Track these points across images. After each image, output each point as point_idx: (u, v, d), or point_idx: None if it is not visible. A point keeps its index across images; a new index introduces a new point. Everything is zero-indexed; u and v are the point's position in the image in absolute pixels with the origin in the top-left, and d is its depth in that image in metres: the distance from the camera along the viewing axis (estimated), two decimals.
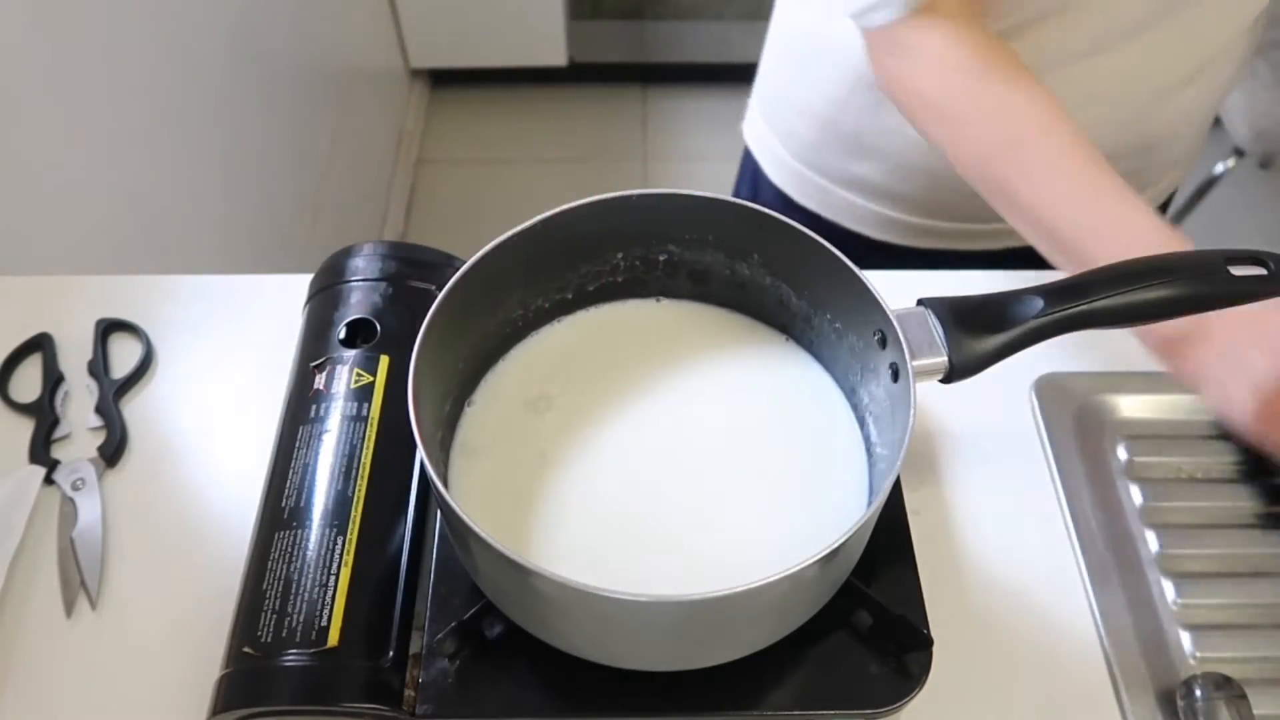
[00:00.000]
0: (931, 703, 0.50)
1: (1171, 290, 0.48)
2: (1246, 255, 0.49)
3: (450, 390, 0.53)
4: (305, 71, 1.55)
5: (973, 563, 0.61)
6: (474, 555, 0.46)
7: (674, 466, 0.53)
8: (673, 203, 0.52)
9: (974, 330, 0.48)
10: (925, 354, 0.48)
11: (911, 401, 0.45)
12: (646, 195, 0.52)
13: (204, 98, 1.19)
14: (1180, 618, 0.59)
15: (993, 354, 0.48)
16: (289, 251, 1.44)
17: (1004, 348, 0.48)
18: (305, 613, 0.48)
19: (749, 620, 0.45)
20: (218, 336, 0.72)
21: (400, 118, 2.13)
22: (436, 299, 0.48)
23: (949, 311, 0.49)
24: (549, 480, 0.52)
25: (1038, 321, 0.47)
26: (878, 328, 0.49)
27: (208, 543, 0.61)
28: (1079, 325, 0.49)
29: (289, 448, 0.55)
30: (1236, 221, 2.02)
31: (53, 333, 0.70)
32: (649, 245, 0.56)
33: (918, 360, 0.47)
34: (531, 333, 0.57)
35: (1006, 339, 0.48)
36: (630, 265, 0.57)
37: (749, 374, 0.57)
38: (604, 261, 0.56)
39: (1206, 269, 0.49)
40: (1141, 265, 0.49)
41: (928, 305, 0.49)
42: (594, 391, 0.55)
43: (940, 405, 0.67)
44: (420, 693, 0.48)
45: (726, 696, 0.49)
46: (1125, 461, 0.65)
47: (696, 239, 0.55)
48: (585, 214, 0.52)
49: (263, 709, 0.46)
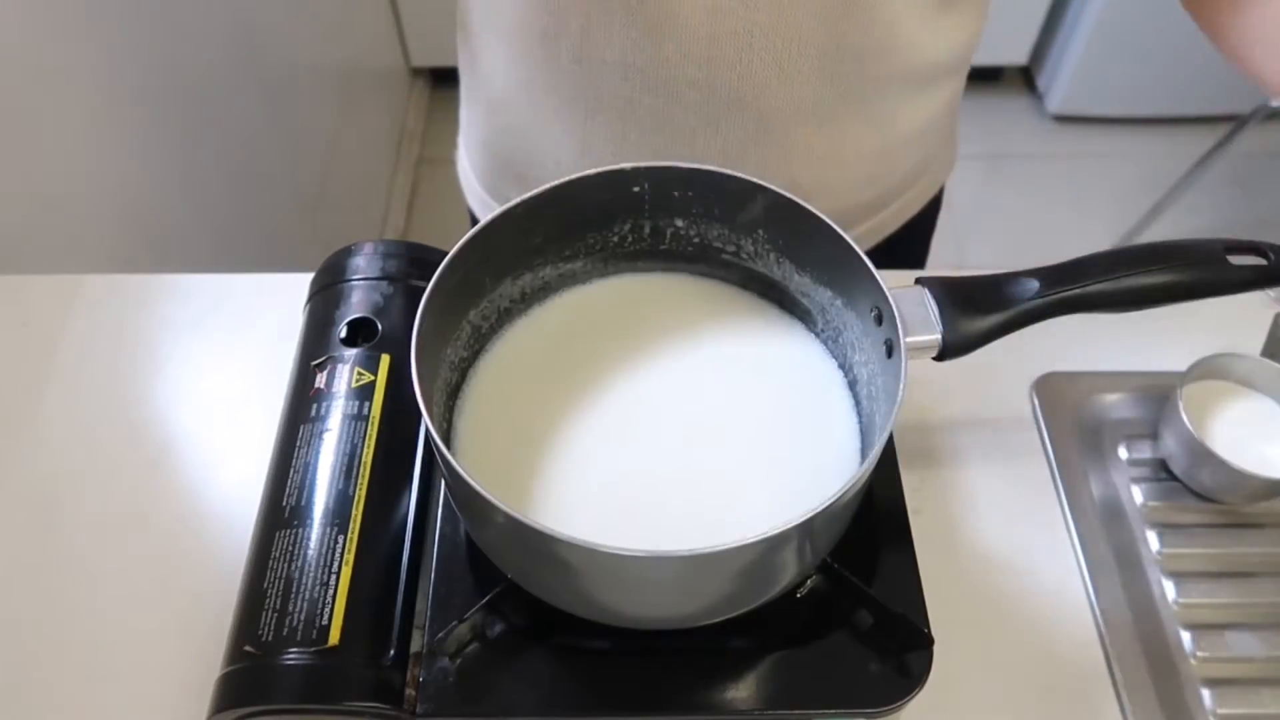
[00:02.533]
0: (931, 703, 0.50)
1: (1169, 276, 0.49)
2: (1246, 245, 0.49)
3: (454, 358, 0.53)
4: (306, 70, 1.55)
5: (973, 562, 0.61)
6: (476, 517, 0.46)
7: (672, 434, 0.53)
8: (675, 175, 0.53)
9: (969, 309, 0.48)
10: (919, 331, 0.48)
11: (902, 375, 0.45)
12: (653, 168, 0.52)
13: (204, 96, 1.19)
14: (1180, 617, 0.59)
15: (987, 333, 0.49)
16: (289, 251, 1.44)
17: (998, 328, 0.49)
18: (306, 612, 0.48)
19: (743, 575, 0.45)
20: (218, 336, 0.72)
21: (401, 116, 2.12)
22: (442, 263, 0.48)
23: (945, 290, 0.49)
24: (550, 446, 0.52)
25: (1033, 303, 0.48)
26: (874, 304, 0.50)
27: (208, 542, 0.61)
28: (1074, 308, 0.49)
29: (289, 447, 0.55)
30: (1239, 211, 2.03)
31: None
32: (655, 218, 0.56)
33: (912, 337, 0.48)
34: (537, 303, 0.58)
35: (1001, 319, 0.48)
36: (638, 238, 0.57)
37: (749, 347, 0.57)
38: (610, 234, 0.57)
39: (1205, 257, 0.49)
40: (1140, 251, 0.50)
41: (925, 284, 0.50)
42: (597, 360, 0.56)
43: (941, 405, 0.67)
44: (421, 692, 0.48)
45: (727, 696, 0.49)
46: (1125, 461, 0.65)
47: (702, 213, 0.55)
48: (593, 183, 0.52)
49: (263, 708, 0.46)
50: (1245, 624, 0.59)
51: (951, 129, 0.81)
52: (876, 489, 0.56)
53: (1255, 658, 0.57)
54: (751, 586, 0.47)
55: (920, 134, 0.74)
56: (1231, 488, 0.61)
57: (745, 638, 0.50)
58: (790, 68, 0.63)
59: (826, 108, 0.66)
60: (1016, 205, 2.04)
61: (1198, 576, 0.60)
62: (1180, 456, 0.63)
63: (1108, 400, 0.68)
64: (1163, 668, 0.57)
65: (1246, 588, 0.60)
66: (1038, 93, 2.19)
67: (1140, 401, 0.68)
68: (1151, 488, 0.64)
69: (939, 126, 0.77)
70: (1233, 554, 0.61)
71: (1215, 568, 0.61)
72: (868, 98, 0.67)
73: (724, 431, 0.53)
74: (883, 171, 0.74)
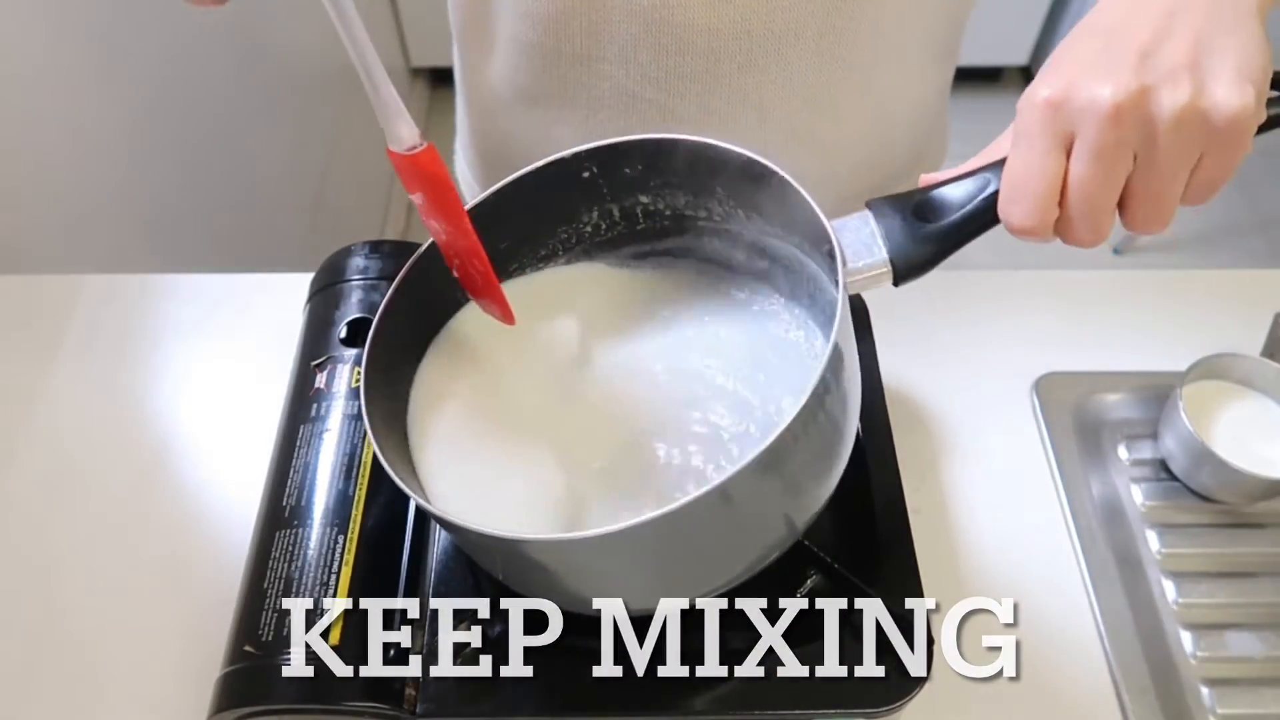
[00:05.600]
0: (931, 703, 0.50)
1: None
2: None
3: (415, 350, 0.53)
4: (305, 70, 1.55)
5: (973, 562, 0.61)
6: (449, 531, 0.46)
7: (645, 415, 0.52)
8: (617, 151, 0.51)
9: (918, 221, 0.45)
10: (864, 256, 0.45)
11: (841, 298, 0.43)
12: (594, 148, 0.50)
13: (204, 96, 1.19)
14: (1180, 617, 0.59)
15: (939, 245, 0.44)
16: (289, 251, 1.44)
17: (949, 235, 0.44)
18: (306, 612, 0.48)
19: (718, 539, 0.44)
20: (218, 336, 0.72)
21: None
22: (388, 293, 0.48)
23: (893, 208, 0.46)
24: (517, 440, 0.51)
25: (983, 200, 0.44)
26: (825, 242, 0.46)
27: (208, 542, 0.61)
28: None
29: (289, 447, 0.55)
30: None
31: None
32: (619, 199, 0.54)
33: (858, 263, 0.45)
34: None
35: (951, 224, 0.44)
36: (611, 224, 0.56)
37: (724, 325, 0.55)
38: (582, 225, 0.55)
39: None
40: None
41: (870, 206, 0.46)
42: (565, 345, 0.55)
43: (941, 405, 0.67)
44: (421, 692, 0.48)
45: (726, 696, 0.49)
46: (1126, 461, 0.65)
47: (661, 184, 0.53)
48: (543, 176, 0.51)
49: (263, 708, 0.46)
50: (1245, 624, 0.59)
51: (942, 118, 0.82)
52: (876, 489, 0.56)
53: (1255, 658, 0.57)
54: (732, 552, 0.46)
55: (915, 119, 0.75)
56: (1231, 488, 0.61)
57: (745, 638, 0.50)
58: (790, 55, 0.63)
59: (825, 93, 0.67)
60: None
61: (1198, 576, 0.60)
62: (1180, 456, 0.63)
63: (1108, 400, 0.68)
64: (1163, 668, 0.57)
65: (1246, 588, 0.60)
66: None
67: (1140, 401, 0.67)
68: (1151, 488, 0.64)
69: (932, 113, 0.78)
70: (1233, 554, 0.61)
71: (1215, 568, 0.61)
72: (864, 81, 0.67)
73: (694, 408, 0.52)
74: (881, 158, 0.75)
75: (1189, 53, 0.40)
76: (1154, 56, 0.40)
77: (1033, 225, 0.41)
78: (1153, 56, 0.40)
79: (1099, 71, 0.40)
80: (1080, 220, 0.41)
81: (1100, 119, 0.39)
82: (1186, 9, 0.41)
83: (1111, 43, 0.41)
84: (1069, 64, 0.41)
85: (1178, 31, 0.40)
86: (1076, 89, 0.40)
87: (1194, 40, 0.40)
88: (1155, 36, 0.40)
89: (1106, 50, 0.40)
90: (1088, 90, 0.39)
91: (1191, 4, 0.41)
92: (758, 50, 0.63)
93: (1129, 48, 0.40)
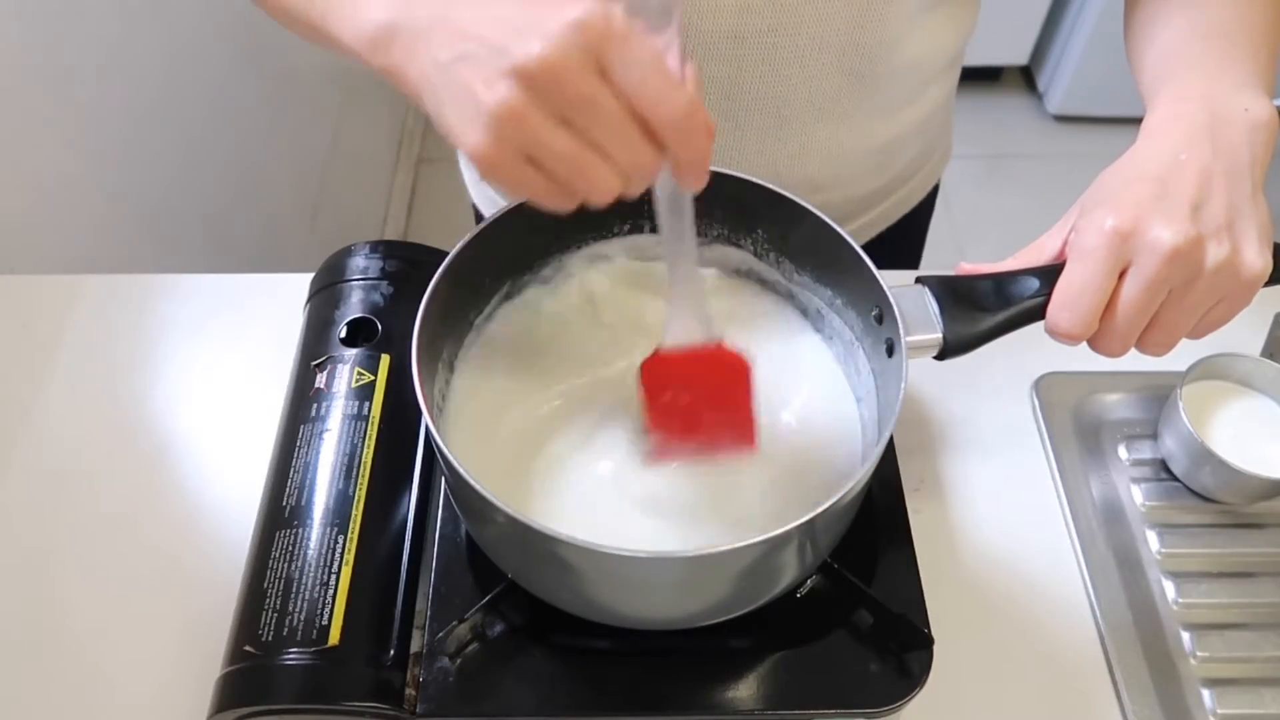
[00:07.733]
0: (931, 703, 0.50)
1: None
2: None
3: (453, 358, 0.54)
4: (306, 70, 1.55)
5: (973, 562, 0.61)
6: (477, 517, 0.46)
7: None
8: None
9: (970, 308, 0.49)
10: (921, 330, 0.48)
11: (903, 374, 0.46)
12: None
13: (204, 96, 1.19)
14: (1180, 617, 0.59)
15: (987, 332, 0.49)
16: (289, 251, 1.44)
17: (999, 326, 0.49)
18: (306, 611, 0.48)
19: (744, 576, 0.45)
20: (218, 336, 0.72)
21: (401, 116, 2.12)
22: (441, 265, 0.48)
23: (946, 289, 0.49)
24: (550, 441, 0.52)
25: (1034, 301, 0.48)
26: (875, 304, 0.50)
27: (208, 542, 0.61)
28: None
29: (290, 447, 0.55)
30: None
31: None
32: (653, 218, 0.55)
33: (912, 336, 0.48)
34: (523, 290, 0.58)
35: (1002, 318, 0.49)
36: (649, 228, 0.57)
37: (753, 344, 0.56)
38: (609, 234, 0.57)
39: None
40: None
41: (925, 283, 0.50)
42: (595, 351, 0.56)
43: (941, 405, 0.67)
44: (421, 691, 0.48)
45: (727, 696, 0.49)
46: (1126, 461, 0.65)
47: (701, 212, 0.54)
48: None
49: (263, 708, 0.46)
50: (1245, 624, 0.59)
51: (947, 120, 0.83)
52: (876, 489, 0.56)
53: (1255, 658, 0.57)
54: (753, 587, 0.47)
55: (923, 124, 0.76)
56: (1231, 488, 0.61)
57: (745, 638, 0.50)
58: (812, 65, 0.64)
59: (842, 103, 0.67)
60: (1016, 205, 2.03)
61: (1198, 576, 0.60)
62: (1180, 456, 0.63)
63: (1108, 400, 0.68)
64: (1163, 668, 0.57)
65: (1246, 588, 0.60)
66: (1038, 93, 2.19)
67: (1140, 401, 0.68)
68: (1151, 488, 0.64)
69: (938, 117, 0.79)
70: (1233, 554, 0.61)
71: (1215, 568, 0.61)
72: (879, 92, 0.68)
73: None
74: (888, 161, 0.76)
75: (1225, 214, 0.46)
76: (1202, 211, 0.46)
77: (1077, 333, 0.47)
78: (1201, 211, 0.46)
79: (1161, 215, 0.45)
80: (1116, 336, 0.47)
81: (1160, 256, 0.44)
82: (1215, 174, 0.47)
83: (1168, 191, 0.46)
84: (1130, 203, 0.46)
85: (1215, 193, 0.46)
86: (1143, 225, 0.45)
87: (1228, 204, 0.46)
88: (1200, 193, 0.46)
89: (1165, 198, 0.46)
90: (1153, 229, 0.45)
91: (1216, 170, 0.47)
92: (781, 60, 0.63)
93: (1183, 199, 0.46)
